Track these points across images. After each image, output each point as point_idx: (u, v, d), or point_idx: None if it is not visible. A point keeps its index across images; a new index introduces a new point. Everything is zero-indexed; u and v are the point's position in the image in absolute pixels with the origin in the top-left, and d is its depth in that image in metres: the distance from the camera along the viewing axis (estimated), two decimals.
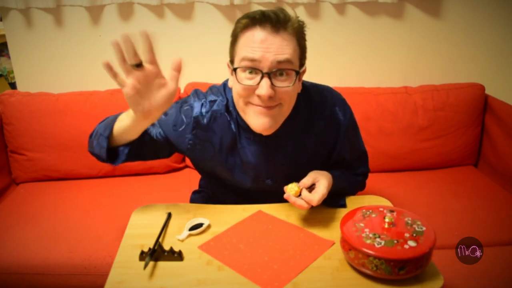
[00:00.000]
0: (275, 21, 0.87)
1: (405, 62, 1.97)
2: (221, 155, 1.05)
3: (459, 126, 1.85)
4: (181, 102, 1.07)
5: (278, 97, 0.91)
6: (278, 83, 0.89)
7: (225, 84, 1.06)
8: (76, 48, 1.85)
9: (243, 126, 1.01)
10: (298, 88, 0.97)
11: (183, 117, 1.03)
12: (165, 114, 1.04)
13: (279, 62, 0.87)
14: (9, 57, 2.72)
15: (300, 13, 1.85)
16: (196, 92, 1.07)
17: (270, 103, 0.91)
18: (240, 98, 0.93)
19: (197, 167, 1.18)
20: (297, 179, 0.98)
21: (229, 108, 1.03)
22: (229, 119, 1.03)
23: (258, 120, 0.93)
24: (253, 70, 0.89)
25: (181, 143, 1.05)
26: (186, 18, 1.84)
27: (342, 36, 1.91)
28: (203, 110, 1.03)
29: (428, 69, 1.98)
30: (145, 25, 1.84)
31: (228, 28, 0.92)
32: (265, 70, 0.88)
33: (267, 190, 1.09)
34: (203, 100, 1.04)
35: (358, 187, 1.19)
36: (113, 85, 1.86)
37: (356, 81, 1.95)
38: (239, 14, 1.90)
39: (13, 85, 3.05)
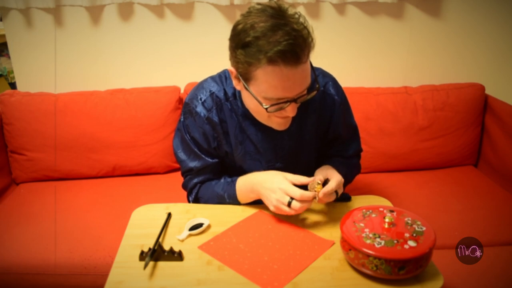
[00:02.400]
0: (295, 54, 0.83)
1: (405, 62, 1.97)
2: (234, 143, 1.07)
3: (459, 126, 1.85)
4: (188, 116, 1.07)
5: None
6: (301, 99, 0.92)
7: (220, 75, 1.08)
8: (76, 48, 1.85)
9: (248, 114, 1.03)
10: None
11: (200, 127, 1.06)
12: (195, 139, 1.08)
13: (304, 89, 0.90)
14: (9, 57, 2.73)
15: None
16: (192, 93, 1.08)
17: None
18: (259, 115, 0.98)
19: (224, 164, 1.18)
20: (302, 158, 1.09)
21: (229, 98, 1.04)
22: (230, 107, 1.04)
23: (279, 127, 0.99)
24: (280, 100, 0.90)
25: (213, 143, 1.08)
26: (186, 18, 1.84)
27: (342, 36, 1.91)
28: (208, 106, 1.04)
29: (428, 69, 1.98)
30: (145, 25, 1.84)
31: (228, 28, 0.91)
32: (291, 98, 0.89)
33: None
34: (201, 98, 1.05)
35: (355, 170, 1.21)
36: (113, 85, 1.87)
37: (356, 81, 1.95)
38: (239, 14, 1.91)
39: (13, 85, 3.05)
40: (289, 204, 0.92)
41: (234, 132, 1.06)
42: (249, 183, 1.02)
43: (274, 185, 0.94)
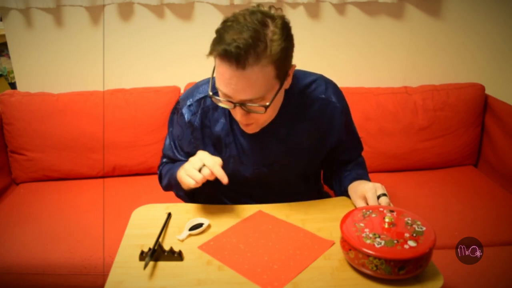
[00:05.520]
0: (236, 59, 0.82)
1: (405, 62, 1.97)
2: (219, 147, 1.08)
3: (459, 126, 1.85)
4: (175, 112, 1.12)
5: (254, 119, 0.94)
6: (252, 108, 0.91)
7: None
8: (76, 48, 1.85)
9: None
10: (286, 85, 0.97)
11: (180, 127, 1.10)
12: (174, 135, 1.14)
13: (247, 100, 0.88)
14: (9, 57, 2.72)
15: (300, 13, 1.85)
16: (185, 94, 1.11)
17: (249, 121, 0.94)
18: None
19: None
20: (290, 164, 1.09)
21: None
22: (220, 110, 1.05)
23: (244, 128, 0.99)
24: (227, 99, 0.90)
25: (188, 147, 1.11)
26: (186, 18, 1.84)
27: (342, 36, 1.91)
28: (193, 110, 1.07)
29: (428, 69, 1.98)
30: (145, 25, 1.84)
31: None
32: (236, 102, 0.89)
33: (265, 180, 1.12)
34: (190, 101, 1.07)
35: (365, 163, 1.23)
36: (113, 85, 1.87)
37: (356, 81, 1.95)
38: None
39: (13, 85, 3.05)
40: (200, 170, 0.93)
41: (221, 135, 1.07)
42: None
43: (196, 156, 0.95)
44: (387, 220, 0.83)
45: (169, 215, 1.01)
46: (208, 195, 1.26)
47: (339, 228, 0.84)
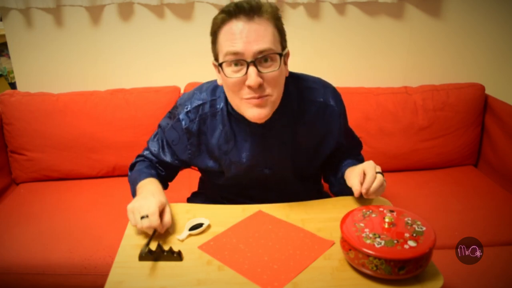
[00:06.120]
0: (248, 9, 0.88)
1: (405, 62, 1.97)
2: (218, 154, 1.07)
3: (459, 126, 1.85)
4: (172, 117, 1.10)
5: (266, 84, 0.92)
6: (264, 69, 0.91)
7: (215, 86, 1.08)
8: (76, 48, 1.85)
9: (237, 118, 1.02)
10: (285, 72, 0.98)
11: (176, 132, 1.08)
12: (165, 138, 1.12)
13: (261, 51, 0.89)
14: (9, 57, 2.73)
15: (300, 13, 1.85)
16: (182, 99, 1.10)
17: (261, 92, 0.91)
18: (233, 94, 0.95)
19: (202, 171, 1.22)
20: (293, 168, 1.09)
21: (217, 106, 1.05)
22: (218, 117, 1.05)
23: (253, 112, 0.94)
24: (238, 62, 0.90)
25: (183, 155, 1.10)
26: (186, 18, 1.84)
27: (342, 36, 1.91)
28: (191, 117, 1.06)
29: (428, 69, 1.98)
30: (145, 25, 1.84)
31: None
32: (249, 60, 0.89)
33: (266, 181, 1.11)
34: (187, 107, 1.06)
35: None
36: (113, 85, 1.87)
37: (356, 81, 1.95)
38: None
39: (13, 85, 3.06)
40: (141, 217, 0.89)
41: (218, 143, 1.06)
42: (139, 190, 1.03)
43: (149, 200, 0.92)
44: (387, 220, 0.83)
45: None
46: (207, 197, 1.26)
47: (339, 228, 0.84)
